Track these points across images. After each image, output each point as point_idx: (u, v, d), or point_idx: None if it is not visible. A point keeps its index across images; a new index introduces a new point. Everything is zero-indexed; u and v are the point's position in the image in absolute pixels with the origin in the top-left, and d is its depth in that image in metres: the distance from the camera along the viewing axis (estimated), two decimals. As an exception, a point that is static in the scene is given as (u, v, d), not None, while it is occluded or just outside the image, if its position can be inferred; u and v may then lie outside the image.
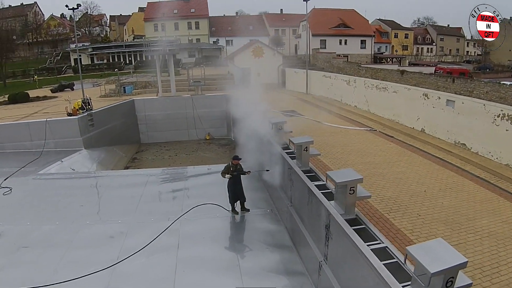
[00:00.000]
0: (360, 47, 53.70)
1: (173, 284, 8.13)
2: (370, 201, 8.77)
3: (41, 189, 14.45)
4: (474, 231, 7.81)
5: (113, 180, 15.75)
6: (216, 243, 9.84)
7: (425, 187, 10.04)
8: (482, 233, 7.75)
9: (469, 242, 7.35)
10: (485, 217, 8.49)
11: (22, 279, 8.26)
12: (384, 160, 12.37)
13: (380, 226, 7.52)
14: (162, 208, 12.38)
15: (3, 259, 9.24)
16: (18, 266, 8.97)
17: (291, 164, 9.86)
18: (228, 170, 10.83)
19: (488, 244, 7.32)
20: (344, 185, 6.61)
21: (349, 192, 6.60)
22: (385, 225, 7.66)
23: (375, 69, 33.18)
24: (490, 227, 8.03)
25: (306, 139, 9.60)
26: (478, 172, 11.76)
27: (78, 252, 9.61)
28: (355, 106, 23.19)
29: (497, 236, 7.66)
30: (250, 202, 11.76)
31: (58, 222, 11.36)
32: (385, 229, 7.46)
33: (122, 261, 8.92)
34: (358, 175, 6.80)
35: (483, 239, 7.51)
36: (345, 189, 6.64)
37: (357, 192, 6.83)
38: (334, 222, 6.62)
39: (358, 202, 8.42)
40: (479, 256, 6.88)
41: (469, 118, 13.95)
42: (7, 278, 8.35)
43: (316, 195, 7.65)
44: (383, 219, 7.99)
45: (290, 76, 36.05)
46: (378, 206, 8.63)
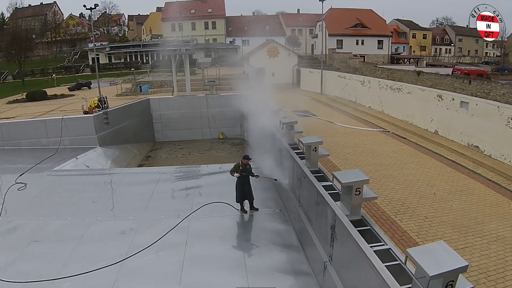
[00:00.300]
0: (377, 47, 53.12)
1: (180, 281, 8.22)
2: (377, 202, 8.69)
3: (55, 185, 14.75)
4: (481, 235, 7.68)
5: (126, 177, 15.98)
6: (223, 241, 9.90)
7: (434, 190, 9.90)
8: (490, 237, 7.62)
9: (476, 246, 7.23)
10: (494, 221, 8.33)
11: (33, 272, 8.45)
12: (395, 161, 12.23)
13: (386, 228, 7.45)
14: (172, 206, 12.51)
15: (15, 252, 9.48)
16: (30, 259, 9.20)
17: (300, 164, 9.84)
18: (237, 169, 10.88)
19: (495, 248, 7.19)
20: (349, 186, 6.57)
21: (355, 193, 6.55)
22: (391, 227, 7.58)
23: (392, 70, 32.84)
24: (498, 231, 7.89)
25: (315, 139, 9.56)
26: (490, 175, 11.52)
27: (88, 247, 9.80)
28: (369, 107, 22.96)
29: (505, 240, 7.53)
30: (260, 202, 11.80)
31: (70, 217, 11.58)
32: (391, 231, 7.39)
33: (130, 256, 9.07)
34: (365, 176, 6.74)
35: (491, 243, 7.39)
36: (351, 190, 6.59)
37: (364, 193, 6.77)
38: (339, 222, 6.60)
39: (366, 203, 8.38)
40: (485, 260, 6.77)
41: (482, 120, 13.66)
42: (18, 271, 8.55)
43: (322, 195, 7.62)
44: (389, 220, 7.91)
45: (305, 76, 35.94)
46: (386, 208, 8.55)
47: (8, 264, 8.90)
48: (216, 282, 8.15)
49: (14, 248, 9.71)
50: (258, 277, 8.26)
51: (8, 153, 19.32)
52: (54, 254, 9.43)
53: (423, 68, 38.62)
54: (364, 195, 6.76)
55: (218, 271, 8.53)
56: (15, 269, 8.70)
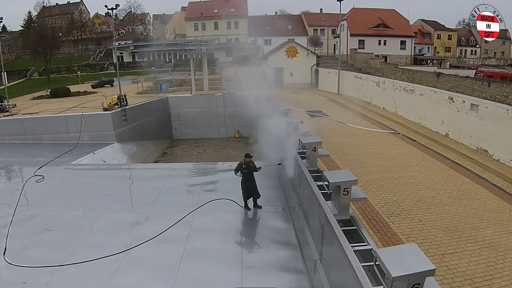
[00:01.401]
0: (400, 48, 52.29)
1: (177, 272, 8.56)
2: (373, 203, 8.78)
3: (71, 178, 15.46)
4: (475, 240, 7.65)
5: (139, 172, 16.55)
6: (224, 236, 10.18)
7: (434, 193, 9.88)
8: (483, 243, 7.57)
9: (466, 252, 7.21)
10: (491, 227, 8.27)
11: (42, 258, 9.01)
12: (399, 164, 12.22)
13: (376, 229, 7.55)
14: (179, 201, 12.89)
15: (28, 239, 10.12)
16: (40, 246, 9.78)
17: (300, 163, 10.01)
18: (240, 168, 11.13)
19: (486, 255, 7.15)
20: (337, 186, 6.71)
21: (343, 193, 6.70)
22: (381, 228, 7.67)
23: (412, 71, 32.44)
24: (493, 238, 7.82)
25: (314, 139, 9.72)
26: (496, 180, 11.36)
27: (96, 237, 10.31)
28: (384, 108, 22.79)
29: (499, 247, 7.46)
30: (264, 200, 12.02)
31: (82, 209, 12.17)
32: (381, 233, 7.48)
33: (134, 247, 9.52)
34: (353, 177, 6.87)
35: (483, 249, 7.34)
36: (339, 189, 6.74)
37: (352, 193, 6.90)
38: (327, 222, 6.76)
39: (361, 204, 8.51)
40: (473, 267, 6.75)
41: (492, 123, 13.45)
42: (28, 257, 9.12)
43: (315, 194, 7.78)
44: (381, 222, 8.00)
45: (323, 76, 35.87)
46: (380, 209, 8.63)
47: (21, 250, 9.51)
48: (211, 275, 8.44)
49: (27, 236, 10.35)
50: (252, 272, 8.49)
51: (29, 147, 20.31)
52: (63, 242, 9.99)
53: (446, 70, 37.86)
54: (352, 196, 6.89)
55: (214, 264, 8.82)
56: (26, 255, 9.28)
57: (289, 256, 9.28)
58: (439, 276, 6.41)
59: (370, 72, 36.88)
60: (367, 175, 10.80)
